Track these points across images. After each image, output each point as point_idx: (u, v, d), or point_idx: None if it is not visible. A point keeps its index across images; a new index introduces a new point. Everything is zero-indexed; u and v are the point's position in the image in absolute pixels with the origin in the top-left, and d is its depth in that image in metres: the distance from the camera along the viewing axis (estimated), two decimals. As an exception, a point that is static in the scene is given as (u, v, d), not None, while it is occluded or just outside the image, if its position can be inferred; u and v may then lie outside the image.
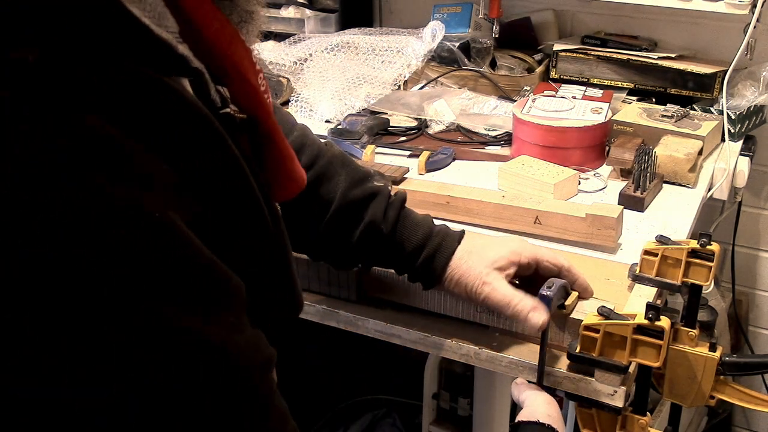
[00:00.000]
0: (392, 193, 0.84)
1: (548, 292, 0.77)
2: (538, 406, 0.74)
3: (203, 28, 0.48)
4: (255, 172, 0.51)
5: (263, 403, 0.47)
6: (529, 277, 0.84)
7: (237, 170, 0.48)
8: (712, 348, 0.83)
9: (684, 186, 1.23)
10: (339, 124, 1.41)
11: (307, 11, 1.69)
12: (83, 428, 0.39)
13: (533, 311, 0.77)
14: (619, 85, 1.50)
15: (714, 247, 0.83)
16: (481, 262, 0.80)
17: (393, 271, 0.86)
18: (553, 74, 1.55)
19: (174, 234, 0.41)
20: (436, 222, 0.85)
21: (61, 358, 0.37)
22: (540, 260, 0.83)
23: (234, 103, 0.52)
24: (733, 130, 1.38)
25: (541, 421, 0.71)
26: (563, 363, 0.81)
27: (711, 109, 1.41)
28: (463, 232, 0.84)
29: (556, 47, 1.54)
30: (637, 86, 1.49)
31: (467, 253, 0.81)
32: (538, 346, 0.80)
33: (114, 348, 0.38)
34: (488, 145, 1.39)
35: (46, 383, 0.37)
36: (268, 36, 1.77)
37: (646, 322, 0.73)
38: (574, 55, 1.52)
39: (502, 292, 0.79)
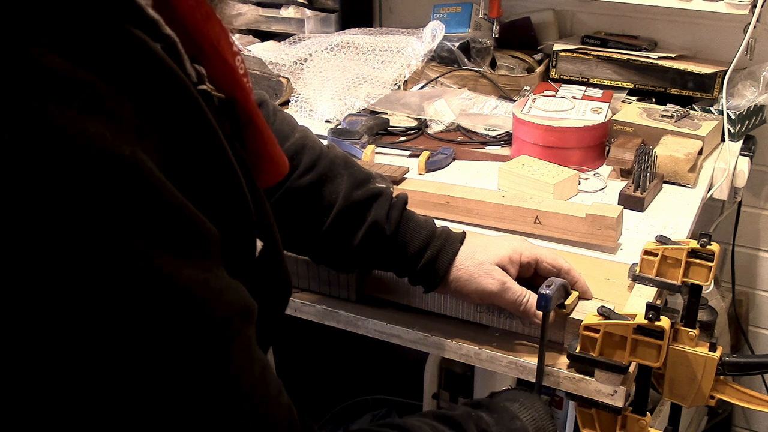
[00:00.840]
0: (394, 195, 0.84)
1: (548, 291, 0.77)
2: None
3: (178, 3, 0.47)
4: (237, 154, 0.50)
5: (244, 350, 0.46)
6: (528, 278, 0.84)
7: (216, 143, 0.46)
8: (712, 348, 0.83)
9: (684, 186, 1.23)
10: (339, 124, 1.41)
11: (307, 11, 1.69)
12: (50, 370, 0.38)
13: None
14: (619, 85, 1.50)
15: (714, 247, 0.83)
16: (485, 261, 0.80)
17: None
18: (553, 74, 1.55)
19: (143, 172, 0.39)
20: (437, 222, 0.85)
21: (28, 294, 0.36)
22: (540, 260, 0.83)
23: (211, 84, 0.50)
24: (733, 130, 1.38)
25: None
26: (563, 363, 0.81)
27: (711, 109, 1.41)
28: (464, 234, 0.84)
29: (556, 47, 1.54)
30: (637, 86, 1.49)
31: (471, 253, 0.81)
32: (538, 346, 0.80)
33: (83, 288, 0.37)
34: (488, 145, 1.39)
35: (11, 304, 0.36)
36: (268, 36, 1.77)
37: (646, 322, 0.73)
38: (574, 55, 1.52)
39: (513, 288, 0.80)
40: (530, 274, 0.84)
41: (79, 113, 0.37)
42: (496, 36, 1.58)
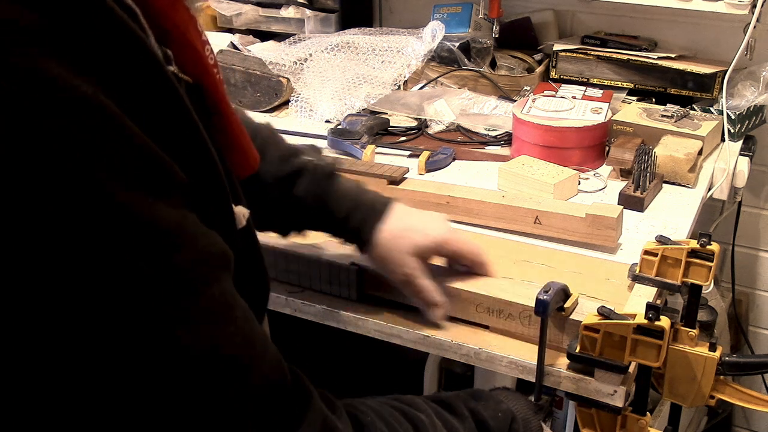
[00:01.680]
0: (323, 164, 0.86)
1: (545, 297, 0.77)
2: None
3: None
4: (210, 136, 0.50)
5: (224, 293, 0.46)
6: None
7: (182, 107, 0.46)
8: (712, 348, 0.83)
9: (684, 186, 1.23)
10: (339, 124, 1.41)
11: (307, 11, 1.69)
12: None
13: (440, 310, 0.84)
14: (619, 85, 1.50)
15: (714, 247, 0.83)
16: (403, 248, 0.83)
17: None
18: (553, 74, 1.55)
19: (105, 110, 0.40)
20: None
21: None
22: (460, 253, 0.87)
23: (179, 67, 0.50)
24: (733, 130, 1.38)
25: None
26: (563, 363, 0.81)
27: (711, 109, 1.41)
28: (388, 205, 0.85)
29: (556, 47, 1.54)
30: (637, 86, 1.49)
31: (392, 237, 0.83)
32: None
33: (46, 221, 0.37)
34: (488, 145, 1.39)
35: None
36: (268, 36, 1.77)
37: (646, 322, 0.73)
38: (574, 55, 1.52)
39: (421, 285, 0.83)
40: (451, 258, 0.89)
41: (39, 55, 0.38)
42: (496, 36, 1.58)
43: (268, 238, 0.98)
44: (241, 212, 0.56)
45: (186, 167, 0.45)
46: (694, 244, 0.83)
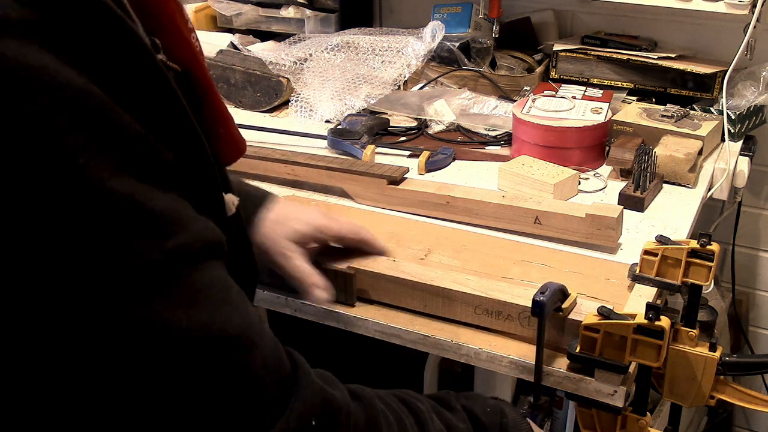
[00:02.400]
0: None
1: (542, 298, 0.77)
2: None
3: None
4: (200, 124, 0.50)
5: (219, 277, 0.46)
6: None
7: (170, 91, 0.46)
8: (712, 348, 0.83)
9: (684, 186, 1.23)
10: (339, 124, 1.41)
11: (307, 11, 1.69)
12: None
13: (318, 289, 0.84)
14: (619, 85, 1.50)
15: (714, 247, 0.83)
16: (283, 234, 0.84)
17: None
18: (553, 74, 1.55)
19: (93, 93, 0.40)
20: (436, 222, 0.85)
21: None
22: (344, 238, 0.89)
23: (167, 55, 0.50)
24: (733, 130, 1.38)
25: None
26: (563, 363, 0.81)
27: (711, 109, 1.41)
28: (268, 196, 0.87)
29: (556, 47, 1.54)
30: (637, 86, 1.49)
31: (273, 225, 0.84)
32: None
33: (33, 203, 0.38)
34: (488, 145, 1.39)
35: None
36: (268, 36, 1.77)
37: (646, 322, 0.73)
38: (574, 55, 1.52)
39: (297, 267, 0.84)
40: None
41: (29, 44, 0.38)
42: (496, 36, 1.58)
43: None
44: (231, 200, 0.57)
45: (178, 155, 0.46)
46: (694, 244, 0.83)
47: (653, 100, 1.48)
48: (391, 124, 1.43)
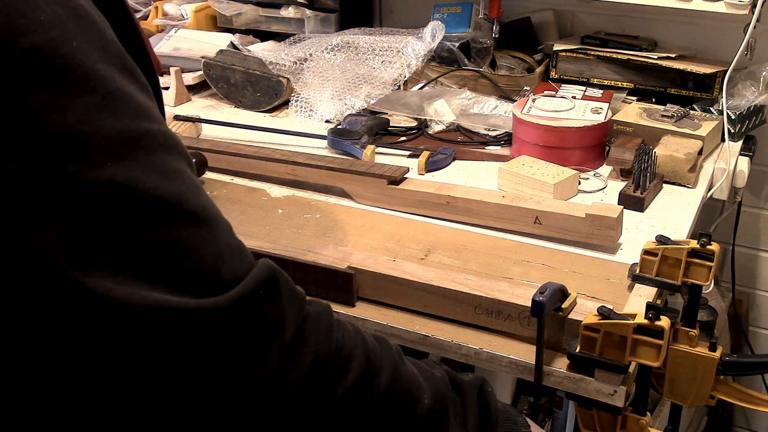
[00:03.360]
0: None
1: (542, 298, 0.77)
2: None
3: None
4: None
5: (185, 170, 0.49)
6: None
7: (132, 23, 0.53)
8: (712, 348, 0.84)
9: (684, 186, 1.23)
10: (339, 124, 1.41)
11: (307, 11, 1.69)
12: None
13: None
14: (619, 85, 1.50)
15: (714, 247, 0.83)
16: None
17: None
18: (553, 74, 1.55)
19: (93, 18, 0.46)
20: (435, 222, 0.85)
21: None
22: None
23: None
24: (733, 130, 1.38)
25: None
26: (563, 363, 0.81)
27: (711, 109, 1.41)
28: None
29: (556, 47, 1.54)
30: (637, 86, 1.49)
31: None
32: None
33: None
34: (488, 145, 1.39)
35: None
36: (268, 36, 1.77)
37: (646, 322, 0.73)
38: (574, 55, 1.52)
39: None
40: None
41: None
42: (496, 36, 1.58)
43: (261, 243, 0.99)
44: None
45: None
46: (694, 244, 0.83)
47: (653, 100, 1.48)
48: (391, 124, 1.43)
